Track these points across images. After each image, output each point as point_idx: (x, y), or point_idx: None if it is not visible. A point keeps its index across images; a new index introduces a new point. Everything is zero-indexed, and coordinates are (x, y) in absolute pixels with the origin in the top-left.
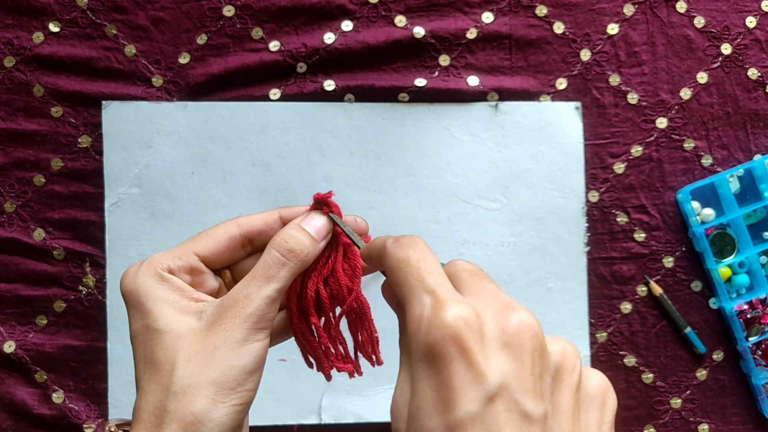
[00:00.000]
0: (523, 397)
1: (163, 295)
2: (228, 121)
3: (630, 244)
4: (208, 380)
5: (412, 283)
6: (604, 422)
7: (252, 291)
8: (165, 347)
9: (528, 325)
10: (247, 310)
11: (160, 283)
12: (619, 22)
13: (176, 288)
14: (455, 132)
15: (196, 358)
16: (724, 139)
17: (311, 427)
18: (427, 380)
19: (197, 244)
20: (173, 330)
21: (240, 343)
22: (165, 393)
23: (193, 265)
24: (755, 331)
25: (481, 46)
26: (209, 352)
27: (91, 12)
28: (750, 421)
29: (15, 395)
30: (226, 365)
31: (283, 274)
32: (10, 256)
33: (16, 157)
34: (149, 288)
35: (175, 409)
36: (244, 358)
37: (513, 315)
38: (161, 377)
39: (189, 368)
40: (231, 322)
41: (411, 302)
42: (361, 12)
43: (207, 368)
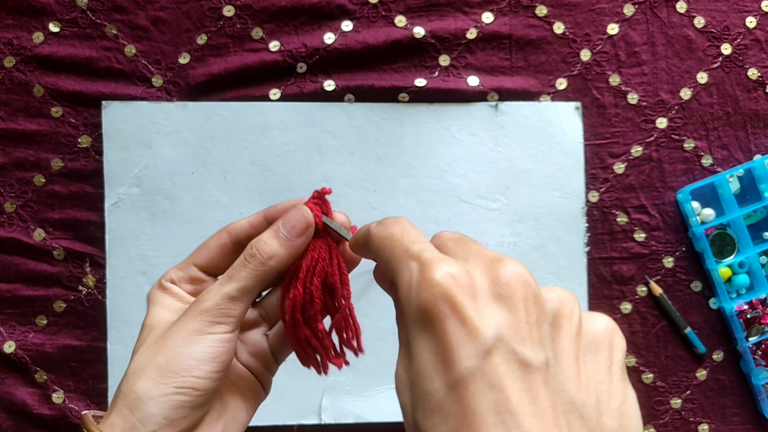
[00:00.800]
0: (521, 347)
1: (161, 299)
2: (228, 121)
3: (630, 244)
4: (154, 363)
5: (399, 254)
6: (614, 362)
7: (213, 288)
8: (140, 339)
9: (518, 274)
10: (204, 305)
11: (161, 291)
12: (619, 22)
13: (173, 294)
14: (455, 132)
15: (152, 346)
16: (724, 139)
17: (311, 427)
18: (423, 343)
19: (196, 256)
20: (151, 324)
21: (191, 333)
22: (124, 377)
23: (192, 275)
24: (755, 331)
25: (481, 46)
26: (162, 339)
27: (91, 12)
28: (750, 421)
29: (15, 395)
30: (173, 351)
31: (244, 275)
32: (10, 256)
33: (16, 157)
34: (153, 295)
35: (123, 389)
36: (192, 345)
37: (502, 267)
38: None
39: (144, 354)
40: (188, 314)
41: (400, 272)
42: (361, 12)
43: (156, 353)
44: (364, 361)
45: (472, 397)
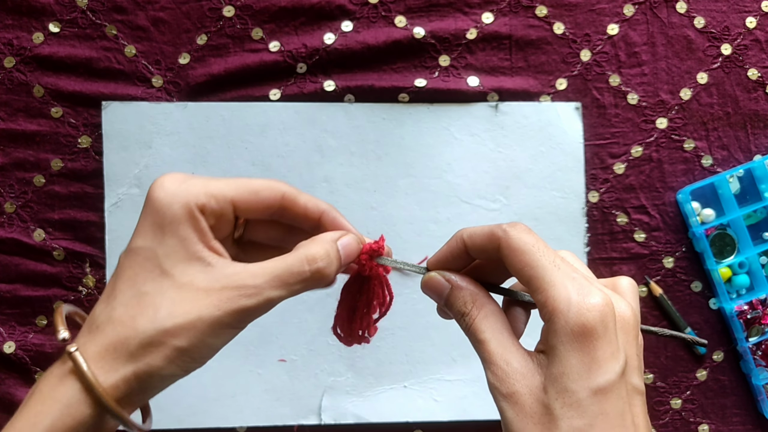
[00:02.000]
0: (634, 374)
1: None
2: (228, 121)
3: (630, 244)
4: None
5: (548, 266)
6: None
7: (263, 286)
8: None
9: (635, 314)
10: (246, 303)
11: (188, 219)
12: (619, 23)
13: (199, 230)
14: (455, 132)
15: (178, 317)
16: (724, 139)
17: (311, 428)
18: (573, 351)
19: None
20: (174, 275)
21: (224, 328)
22: (135, 333)
23: (225, 213)
24: (755, 332)
25: (481, 47)
26: (193, 318)
27: (91, 12)
28: (750, 421)
29: (15, 395)
30: (198, 338)
31: (298, 288)
32: (10, 257)
33: (16, 158)
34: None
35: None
36: (218, 338)
37: (623, 304)
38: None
39: (168, 322)
40: (227, 305)
41: (553, 285)
42: (361, 12)
43: (184, 332)
44: (364, 361)
45: (609, 403)
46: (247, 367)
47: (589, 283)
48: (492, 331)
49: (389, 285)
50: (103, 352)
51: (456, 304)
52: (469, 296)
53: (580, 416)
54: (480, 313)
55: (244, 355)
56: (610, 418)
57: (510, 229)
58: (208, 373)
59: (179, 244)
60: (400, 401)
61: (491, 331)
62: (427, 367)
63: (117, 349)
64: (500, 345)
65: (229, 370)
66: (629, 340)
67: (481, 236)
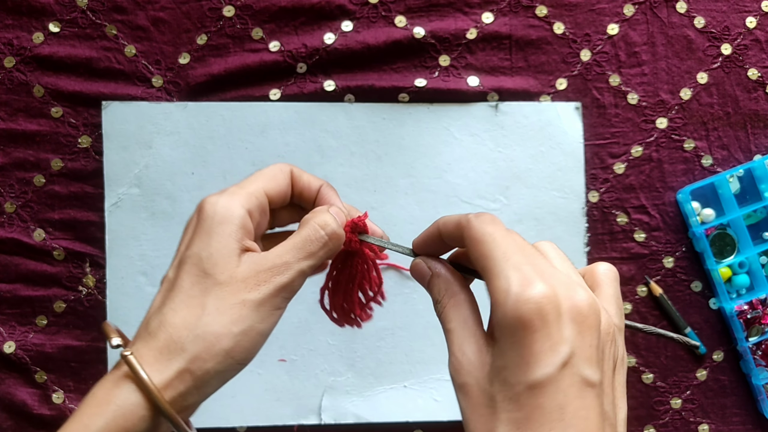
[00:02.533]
0: (585, 365)
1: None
2: (228, 121)
3: (630, 244)
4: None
5: (498, 257)
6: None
7: (291, 260)
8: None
9: (591, 304)
10: (281, 279)
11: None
12: (619, 23)
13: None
14: (455, 132)
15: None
16: (724, 139)
17: (311, 428)
18: (512, 344)
19: (266, 182)
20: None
21: (267, 309)
22: (187, 332)
23: (264, 205)
24: (755, 332)
25: (481, 47)
26: (237, 308)
27: (91, 12)
28: (750, 421)
29: (15, 395)
30: (247, 324)
31: (322, 254)
32: (10, 257)
33: (16, 157)
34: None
35: (190, 350)
36: (264, 322)
37: (579, 294)
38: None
39: (216, 317)
40: (264, 287)
41: (497, 275)
42: (361, 12)
43: (231, 323)
44: (364, 361)
45: (546, 397)
46: (247, 367)
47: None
48: (457, 321)
49: (377, 266)
50: (156, 354)
51: (432, 291)
52: (443, 284)
53: (518, 409)
54: (450, 301)
55: None
56: (546, 413)
57: (473, 219)
58: None
59: (220, 246)
60: (400, 401)
61: (457, 321)
62: (427, 367)
63: (170, 350)
64: (461, 335)
65: None
66: (582, 330)
67: (451, 224)
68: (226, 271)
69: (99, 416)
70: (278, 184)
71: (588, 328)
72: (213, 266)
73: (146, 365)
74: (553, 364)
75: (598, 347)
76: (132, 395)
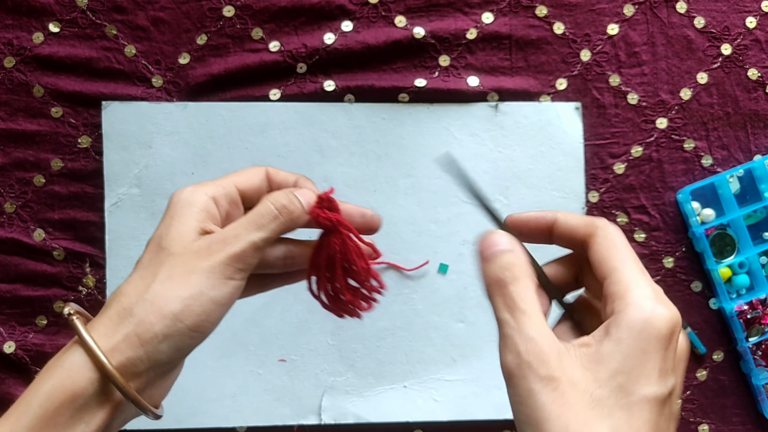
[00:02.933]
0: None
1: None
2: (228, 121)
3: (630, 244)
4: (178, 298)
5: (635, 267)
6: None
7: (241, 232)
8: (158, 261)
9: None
10: (232, 249)
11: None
12: (619, 23)
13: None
14: (455, 132)
15: (175, 276)
16: (724, 139)
17: (311, 428)
18: (639, 352)
19: (238, 180)
20: (168, 248)
21: (219, 276)
22: (137, 298)
23: (234, 199)
24: (755, 332)
25: (481, 47)
26: (188, 274)
27: (91, 12)
28: (750, 421)
29: (15, 395)
30: (198, 289)
31: (273, 227)
32: (10, 257)
33: (16, 157)
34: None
35: (138, 314)
36: (216, 289)
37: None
38: (141, 284)
39: (165, 284)
40: (215, 256)
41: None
42: (361, 12)
43: (180, 286)
44: (364, 361)
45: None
46: (247, 367)
47: (665, 298)
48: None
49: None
50: (106, 321)
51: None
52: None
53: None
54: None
55: (244, 355)
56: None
57: (609, 224)
58: (208, 373)
59: (180, 224)
60: (400, 401)
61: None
62: (427, 367)
63: (119, 315)
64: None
65: (229, 370)
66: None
67: (577, 219)
68: (182, 245)
69: (47, 380)
70: (250, 178)
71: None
72: (170, 241)
73: (95, 332)
74: (668, 385)
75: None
76: (77, 357)
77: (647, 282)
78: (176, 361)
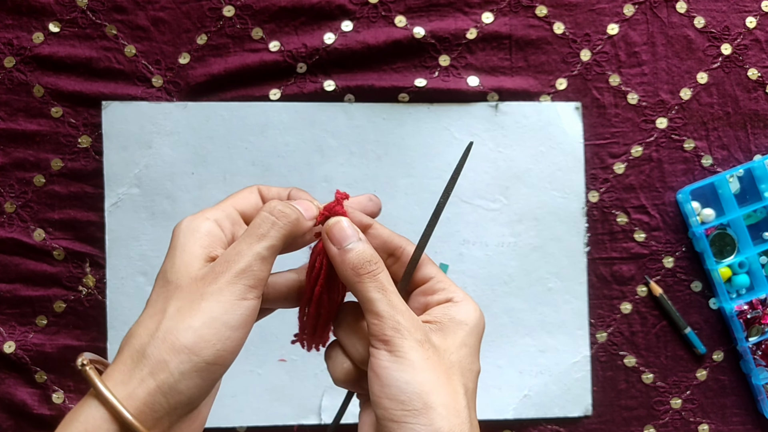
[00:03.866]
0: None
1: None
2: (228, 121)
3: (630, 244)
4: (189, 330)
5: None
6: None
7: (243, 248)
8: (165, 296)
9: None
10: (237, 265)
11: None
12: (619, 23)
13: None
14: (455, 132)
15: (184, 307)
16: (724, 139)
17: (311, 427)
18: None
19: (236, 202)
20: (175, 281)
21: (230, 298)
22: (148, 338)
23: (235, 219)
24: (755, 332)
25: (481, 47)
26: (196, 302)
27: (91, 12)
28: (750, 421)
29: (15, 395)
30: (209, 316)
31: (274, 234)
32: (10, 256)
33: (16, 157)
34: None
35: (151, 354)
36: (229, 312)
37: None
38: (151, 323)
39: (175, 317)
40: (221, 277)
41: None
42: (361, 12)
43: (190, 316)
44: None
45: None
46: (247, 367)
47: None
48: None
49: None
50: (122, 367)
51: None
52: (376, 256)
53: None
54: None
55: (244, 355)
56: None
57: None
58: None
59: (184, 254)
60: None
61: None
62: None
63: (133, 360)
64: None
65: (229, 370)
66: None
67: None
68: (187, 275)
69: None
70: (245, 198)
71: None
72: (175, 273)
73: (110, 380)
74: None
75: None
76: (95, 410)
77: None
78: (198, 399)
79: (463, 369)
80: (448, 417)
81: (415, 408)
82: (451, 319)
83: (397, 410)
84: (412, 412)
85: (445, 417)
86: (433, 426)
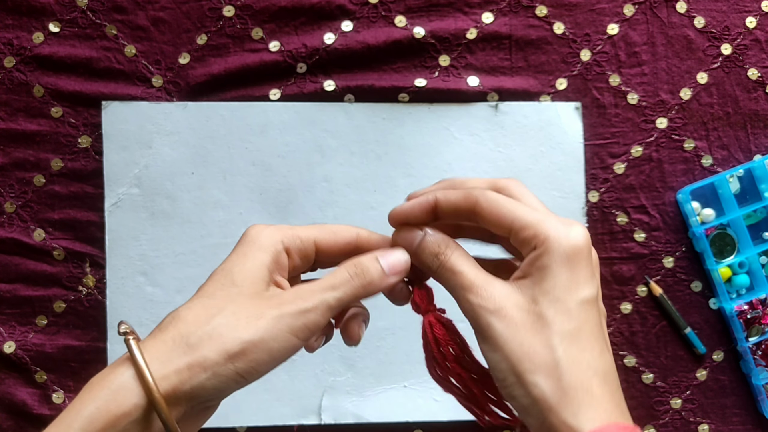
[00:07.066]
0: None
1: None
2: (228, 121)
3: (630, 244)
4: (237, 340)
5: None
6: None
7: (315, 290)
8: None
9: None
10: (304, 304)
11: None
12: (619, 23)
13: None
14: (455, 132)
15: (241, 317)
16: (724, 139)
17: (311, 427)
18: (564, 270)
19: (319, 235)
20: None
21: (282, 328)
22: (196, 328)
23: (308, 253)
24: (755, 332)
25: (481, 47)
26: (254, 318)
27: (91, 12)
28: (750, 421)
29: (15, 395)
30: (257, 337)
31: (345, 289)
32: (10, 256)
33: (16, 157)
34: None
35: (195, 345)
36: (275, 341)
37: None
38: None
39: (230, 320)
40: (286, 306)
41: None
42: (361, 12)
43: (244, 329)
44: (364, 361)
45: (591, 313)
46: None
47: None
48: (469, 265)
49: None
50: (161, 345)
51: (429, 247)
52: (442, 240)
53: (570, 321)
54: (454, 252)
55: None
56: (592, 325)
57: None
58: None
59: (254, 268)
60: (400, 401)
61: (468, 265)
62: None
63: (175, 342)
64: (480, 273)
65: None
66: (598, 269)
67: (456, 195)
68: (253, 288)
69: (90, 401)
70: (334, 236)
71: (599, 271)
72: (243, 279)
73: (147, 354)
74: (594, 287)
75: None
76: (126, 380)
77: (548, 216)
78: (211, 401)
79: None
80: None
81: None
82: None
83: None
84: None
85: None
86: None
